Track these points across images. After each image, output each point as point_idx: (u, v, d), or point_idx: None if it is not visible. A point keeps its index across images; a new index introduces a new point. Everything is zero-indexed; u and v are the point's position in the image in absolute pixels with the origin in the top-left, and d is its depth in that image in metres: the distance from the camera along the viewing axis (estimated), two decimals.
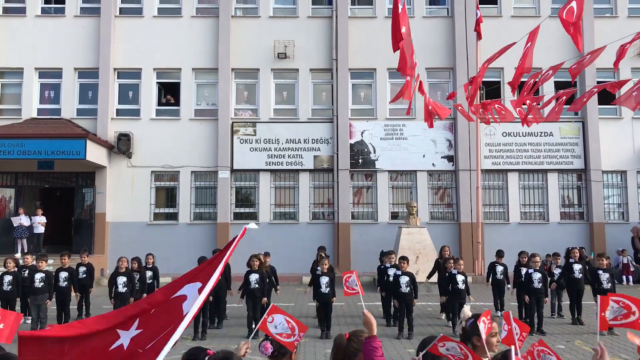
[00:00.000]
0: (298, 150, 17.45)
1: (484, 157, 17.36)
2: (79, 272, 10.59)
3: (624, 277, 15.61)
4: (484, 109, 9.91)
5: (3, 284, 9.42)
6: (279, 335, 4.85)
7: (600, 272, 9.48)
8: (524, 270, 9.95)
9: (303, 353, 7.92)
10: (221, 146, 17.27)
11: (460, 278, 9.52)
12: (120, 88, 17.93)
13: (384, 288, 10.33)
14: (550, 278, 10.44)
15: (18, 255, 14.15)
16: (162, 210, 17.58)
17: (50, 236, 16.99)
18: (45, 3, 18.20)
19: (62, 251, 10.70)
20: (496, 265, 10.94)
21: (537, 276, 9.56)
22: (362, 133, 17.51)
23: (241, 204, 17.64)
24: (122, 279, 9.39)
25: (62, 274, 9.95)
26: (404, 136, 17.45)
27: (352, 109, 17.73)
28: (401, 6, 7.98)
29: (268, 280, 9.95)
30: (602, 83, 9.39)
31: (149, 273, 10.68)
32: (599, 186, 17.19)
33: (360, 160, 17.46)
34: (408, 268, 9.73)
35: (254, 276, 9.39)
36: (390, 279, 9.96)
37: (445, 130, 17.40)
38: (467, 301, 9.56)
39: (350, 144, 17.40)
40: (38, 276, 9.29)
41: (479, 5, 17.04)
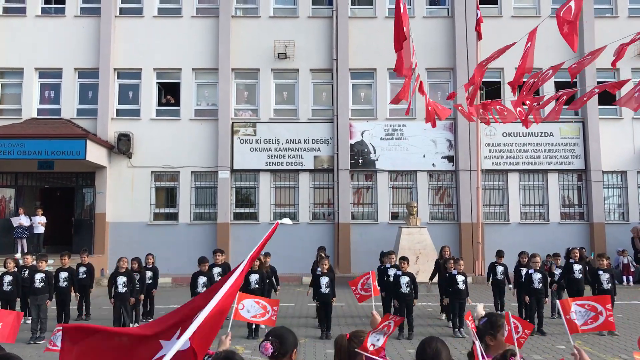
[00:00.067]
0: (298, 150, 17.45)
1: (484, 158, 17.37)
2: (79, 272, 10.61)
3: (624, 278, 15.61)
4: (484, 110, 9.91)
5: (3, 284, 9.43)
6: (254, 317, 4.83)
7: (600, 273, 9.47)
8: (524, 270, 9.95)
9: (303, 353, 7.92)
10: (221, 146, 17.28)
11: (460, 278, 9.52)
12: (120, 88, 17.94)
13: (384, 288, 10.31)
14: (550, 278, 10.44)
15: (18, 255, 14.16)
16: (162, 210, 17.58)
17: (50, 236, 16.99)
18: (45, 3, 18.21)
19: (62, 251, 10.71)
20: (496, 265, 10.93)
21: (537, 276, 9.56)
22: (362, 133, 17.51)
23: (241, 204, 17.64)
24: (122, 279, 9.39)
25: (62, 274, 9.96)
26: (404, 136, 17.45)
27: (352, 109, 17.74)
28: (402, 6, 7.98)
29: (268, 280, 9.95)
30: (603, 83, 9.39)
31: (149, 273, 10.70)
32: (599, 186, 17.20)
33: (360, 160, 17.46)
34: (408, 268, 9.73)
35: (254, 276, 9.39)
36: (390, 279, 9.96)
37: (445, 130, 17.40)
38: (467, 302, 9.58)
39: (350, 144, 17.40)
40: (38, 276, 9.29)
41: (479, 5, 17.06)
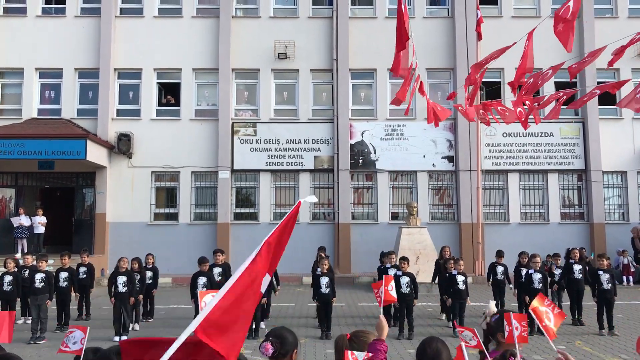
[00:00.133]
0: (298, 150, 17.45)
1: (484, 158, 17.36)
2: (79, 272, 10.61)
3: (624, 278, 15.60)
4: (485, 110, 9.91)
5: (3, 284, 9.44)
6: None
7: (600, 273, 9.47)
8: (524, 270, 9.96)
9: (303, 353, 7.92)
10: (221, 146, 17.28)
11: (460, 278, 9.52)
12: (120, 88, 17.94)
13: None
14: (550, 279, 10.44)
15: (18, 255, 14.17)
16: (163, 210, 17.58)
17: (50, 236, 17.00)
18: (45, 3, 18.21)
19: (62, 251, 10.71)
20: (496, 265, 10.94)
21: (538, 277, 9.57)
22: (363, 133, 17.51)
23: (241, 204, 17.64)
24: (122, 279, 9.39)
25: (62, 274, 9.98)
26: (404, 136, 17.45)
27: (353, 110, 17.74)
28: (403, 6, 7.97)
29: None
30: (603, 83, 9.39)
31: (149, 273, 10.70)
32: (599, 187, 17.19)
33: (360, 160, 17.46)
34: (408, 268, 9.74)
35: None
36: None
37: (445, 130, 17.40)
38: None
39: (350, 145, 17.40)
40: (38, 276, 9.30)
41: (480, 5, 17.07)
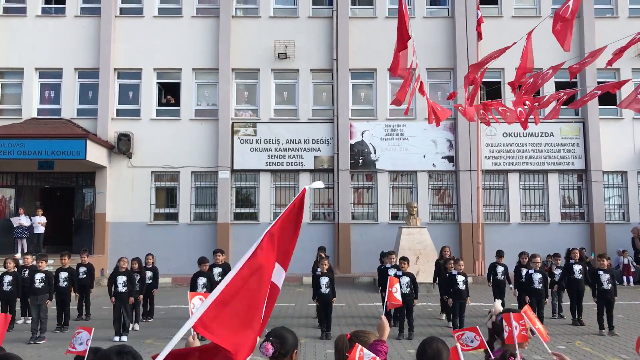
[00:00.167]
0: (298, 150, 17.44)
1: (485, 158, 17.36)
2: (79, 272, 10.60)
3: (625, 278, 15.59)
4: (485, 110, 9.91)
5: (3, 284, 9.44)
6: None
7: (600, 273, 9.46)
8: (525, 270, 9.96)
9: (303, 353, 7.91)
10: (221, 146, 17.27)
11: (460, 278, 9.51)
12: (120, 88, 17.93)
13: (385, 288, 10.31)
14: (550, 279, 10.43)
15: (18, 255, 14.16)
16: (162, 210, 17.57)
17: (50, 236, 16.99)
18: (45, 3, 18.20)
19: (62, 251, 10.71)
20: (497, 265, 10.94)
21: (538, 277, 9.56)
22: (363, 133, 17.50)
23: (241, 204, 17.63)
24: (122, 279, 9.40)
25: (62, 274, 9.97)
26: (405, 136, 17.44)
27: (353, 109, 17.73)
28: (404, 6, 7.96)
29: None
30: (603, 83, 9.38)
31: (149, 273, 10.69)
32: (600, 187, 17.18)
33: (360, 160, 17.45)
34: (408, 268, 9.74)
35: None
36: None
37: (445, 130, 17.39)
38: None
39: (350, 145, 17.39)
40: (38, 276, 9.29)
41: (480, 5, 17.06)
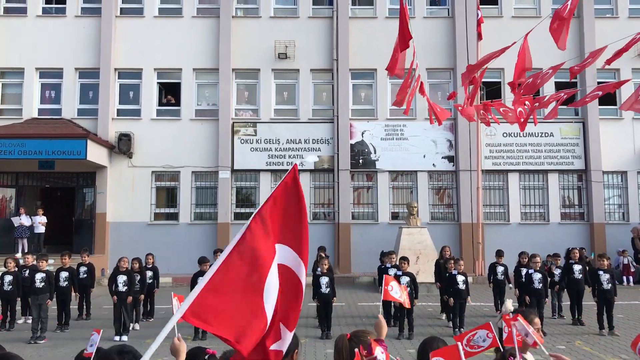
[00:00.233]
0: (298, 150, 17.45)
1: (485, 158, 17.36)
2: (80, 272, 10.62)
3: (624, 278, 15.60)
4: (485, 110, 9.91)
5: (4, 284, 9.47)
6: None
7: (600, 273, 9.47)
8: (524, 270, 9.96)
9: (304, 353, 7.93)
10: (222, 146, 17.28)
11: (460, 278, 9.53)
12: (121, 88, 17.95)
13: None
14: (550, 279, 10.44)
15: (18, 255, 14.17)
16: (163, 210, 17.59)
17: (50, 236, 17.01)
18: (46, 3, 18.22)
19: (63, 251, 10.71)
20: (497, 265, 10.96)
21: (538, 277, 9.57)
22: (363, 133, 17.51)
23: (242, 204, 17.65)
24: (122, 278, 9.45)
25: (63, 274, 9.99)
26: (405, 136, 17.45)
27: (353, 109, 17.74)
28: (405, 6, 7.96)
29: None
30: (603, 83, 9.40)
31: (149, 273, 10.71)
32: (600, 187, 17.19)
33: (360, 160, 17.46)
34: (408, 268, 9.76)
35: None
36: None
37: (445, 130, 17.40)
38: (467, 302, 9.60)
39: (350, 144, 17.40)
40: (39, 276, 9.31)
41: (480, 5, 17.08)
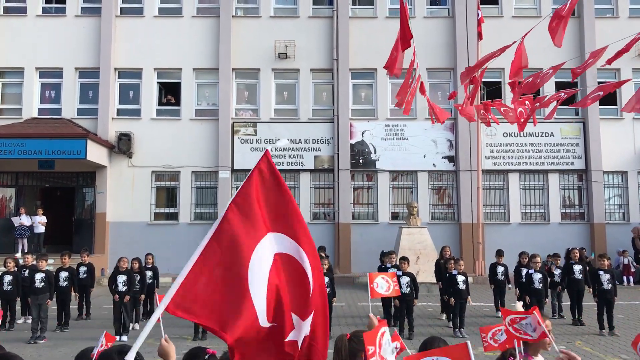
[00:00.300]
0: (299, 150, 17.44)
1: (485, 158, 17.35)
2: (80, 272, 10.61)
3: (625, 278, 15.59)
4: (485, 110, 9.90)
5: (3, 284, 9.47)
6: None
7: (601, 273, 9.47)
8: (525, 270, 9.96)
9: None
10: (222, 146, 17.28)
11: (460, 278, 9.52)
12: (120, 88, 17.94)
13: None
14: (550, 279, 10.43)
15: (18, 255, 14.17)
16: (163, 210, 17.58)
17: (50, 236, 17.00)
18: (46, 3, 18.22)
19: (63, 251, 10.71)
20: (497, 266, 10.97)
21: (538, 277, 9.57)
22: (363, 133, 17.51)
23: None
24: (122, 278, 9.51)
25: (63, 274, 9.99)
26: (405, 136, 17.44)
27: (353, 109, 17.73)
28: (405, 5, 7.96)
29: None
30: (603, 83, 9.38)
31: (149, 273, 10.71)
32: (600, 187, 17.18)
33: (360, 160, 17.45)
34: (408, 268, 9.75)
35: None
36: None
37: (446, 130, 17.39)
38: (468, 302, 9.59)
39: (350, 144, 17.39)
40: (38, 276, 9.31)
41: (480, 5, 17.06)
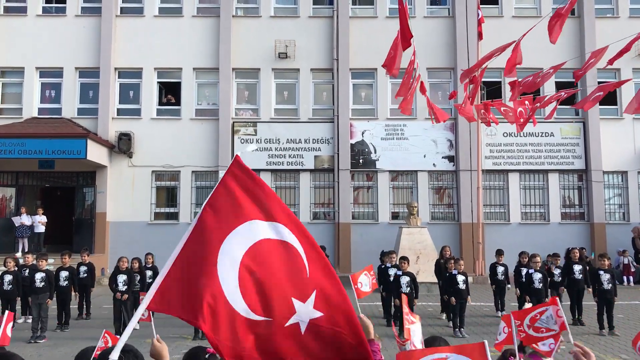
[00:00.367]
0: (299, 150, 17.44)
1: (485, 157, 17.35)
2: (80, 272, 10.63)
3: (625, 278, 15.60)
4: (486, 110, 9.91)
5: (3, 284, 9.46)
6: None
7: (601, 273, 9.48)
8: (525, 270, 9.97)
9: None
10: (222, 146, 17.27)
11: (460, 278, 9.52)
12: (121, 87, 17.94)
13: (385, 288, 10.35)
14: (550, 279, 10.43)
15: (18, 254, 14.17)
16: (163, 209, 17.58)
17: (50, 235, 17.00)
18: (46, 2, 18.21)
19: (63, 250, 10.73)
20: (497, 266, 10.98)
21: (538, 276, 9.58)
22: (363, 133, 17.50)
23: None
24: (122, 277, 9.58)
25: (63, 274, 10.01)
26: (405, 136, 17.44)
27: (353, 109, 17.72)
28: (405, 5, 7.96)
29: None
30: (603, 83, 9.39)
31: (149, 272, 10.71)
32: (600, 187, 17.18)
33: (361, 160, 17.45)
34: (409, 268, 9.76)
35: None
36: (390, 279, 9.97)
37: (446, 130, 17.39)
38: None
39: (351, 144, 17.38)
40: (38, 276, 9.33)
41: (480, 5, 17.05)
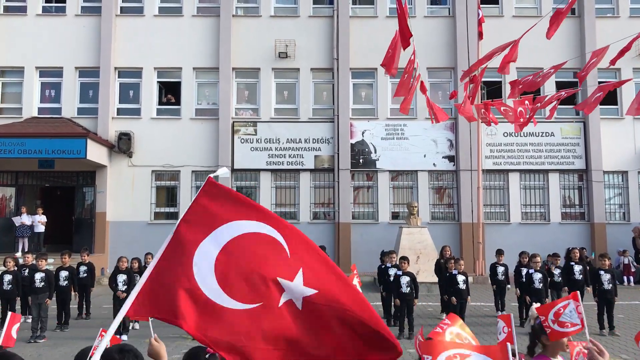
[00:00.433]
0: (299, 150, 17.43)
1: (485, 157, 17.34)
2: (80, 272, 10.63)
3: (625, 278, 15.58)
4: (486, 110, 9.91)
5: (3, 283, 9.45)
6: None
7: (601, 273, 9.47)
8: (525, 270, 9.96)
9: None
10: (222, 146, 17.26)
11: (460, 278, 9.52)
12: (121, 87, 17.93)
13: (385, 288, 10.35)
14: (550, 278, 10.42)
15: (18, 254, 14.16)
16: (163, 209, 17.58)
17: (50, 235, 17.00)
18: (46, 2, 18.21)
19: (63, 250, 10.72)
20: (497, 266, 10.96)
21: (538, 276, 9.57)
22: (363, 133, 17.49)
23: None
24: (122, 277, 9.61)
25: (63, 273, 10.02)
26: (405, 136, 17.43)
27: (353, 109, 17.71)
28: (404, 4, 7.97)
29: None
30: (604, 83, 9.38)
31: None
32: (600, 186, 17.17)
33: (361, 160, 17.44)
34: (409, 268, 9.74)
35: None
36: (390, 279, 9.96)
37: (446, 130, 17.37)
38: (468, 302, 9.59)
39: (351, 144, 17.37)
40: (38, 275, 9.33)
41: (481, 5, 17.04)
